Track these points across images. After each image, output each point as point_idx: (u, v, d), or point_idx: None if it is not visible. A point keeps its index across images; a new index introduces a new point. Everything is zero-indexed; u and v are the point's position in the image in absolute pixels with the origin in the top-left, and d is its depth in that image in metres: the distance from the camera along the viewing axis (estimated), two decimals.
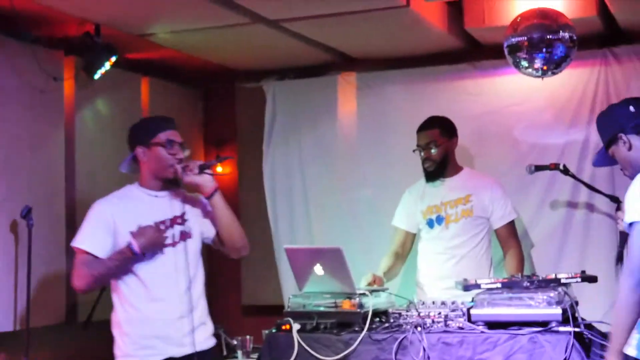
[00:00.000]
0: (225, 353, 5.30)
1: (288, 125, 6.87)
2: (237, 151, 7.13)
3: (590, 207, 5.93)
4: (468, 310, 4.43)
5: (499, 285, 4.49)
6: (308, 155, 6.77)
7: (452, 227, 5.40)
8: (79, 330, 5.92)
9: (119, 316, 4.10)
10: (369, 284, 4.96)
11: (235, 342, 5.28)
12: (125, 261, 3.99)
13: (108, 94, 6.23)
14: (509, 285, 4.47)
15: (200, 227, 4.23)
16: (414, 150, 5.47)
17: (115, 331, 4.13)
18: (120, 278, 4.07)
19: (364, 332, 4.40)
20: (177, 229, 4.13)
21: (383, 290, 4.84)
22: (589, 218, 5.94)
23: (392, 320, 4.52)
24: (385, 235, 5.98)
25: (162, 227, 4.07)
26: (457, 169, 5.51)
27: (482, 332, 4.30)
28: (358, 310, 4.51)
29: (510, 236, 5.45)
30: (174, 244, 4.11)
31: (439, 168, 5.43)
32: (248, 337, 5.09)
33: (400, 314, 4.53)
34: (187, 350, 4.07)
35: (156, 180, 4.14)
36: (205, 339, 4.20)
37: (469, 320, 4.40)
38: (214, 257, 6.76)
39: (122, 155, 6.11)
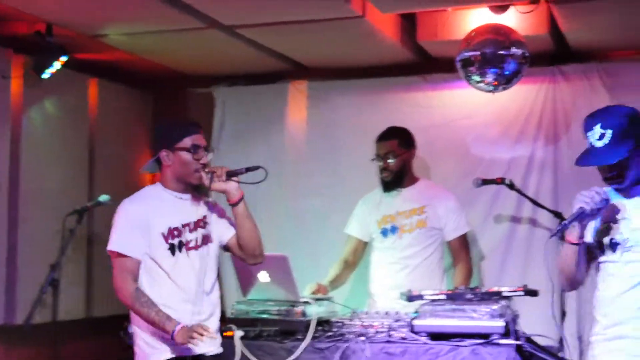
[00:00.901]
0: None
1: (237, 132, 6.84)
2: None
3: (533, 222, 5.99)
4: (411, 321, 4.45)
5: (443, 296, 4.52)
6: (256, 162, 6.70)
7: (406, 237, 5.43)
8: (18, 332, 5.81)
9: None
10: (313, 293, 4.96)
11: None
12: (161, 328, 3.92)
13: (56, 94, 6.15)
14: (453, 297, 4.50)
15: (218, 232, 4.20)
16: (372, 160, 5.49)
17: (143, 329, 4.02)
18: (151, 278, 4.03)
19: (307, 340, 4.40)
20: (200, 232, 4.12)
21: (327, 299, 4.84)
22: (532, 233, 6.00)
23: (335, 329, 4.53)
24: (332, 245, 5.99)
25: (187, 229, 4.08)
26: (414, 180, 5.54)
27: (424, 343, 4.32)
28: (301, 318, 4.52)
29: (462, 249, 5.49)
30: (197, 247, 4.10)
31: (396, 178, 5.46)
32: None
33: (343, 323, 4.54)
34: (215, 350, 4.11)
35: (179, 183, 4.11)
36: (219, 343, 4.20)
37: (412, 330, 4.42)
38: None
39: (69, 156, 6.11)
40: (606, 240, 3.58)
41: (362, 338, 4.42)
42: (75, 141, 6.19)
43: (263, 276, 4.58)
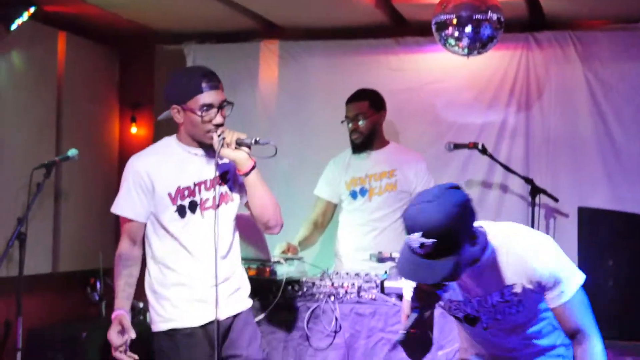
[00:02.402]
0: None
1: None
2: (154, 114, 7.01)
3: (504, 187, 6.01)
4: (381, 282, 4.46)
5: None
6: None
7: (375, 200, 5.43)
8: None
9: (157, 279, 3.86)
10: (284, 252, 4.95)
11: (141, 305, 5.21)
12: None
13: (24, 46, 6.03)
14: None
15: (240, 190, 3.93)
16: (342, 122, 5.49)
17: (151, 295, 3.88)
18: (158, 239, 3.84)
19: (277, 299, 4.40)
20: (219, 190, 3.84)
21: (297, 259, 4.84)
22: (502, 198, 6.03)
23: (305, 289, 4.53)
24: (299, 206, 5.97)
25: (202, 187, 3.83)
26: (384, 143, 5.55)
27: (394, 304, 4.34)
28: (272, 277, 4.51)
29: None
30: (214, 207, 3.81)
31: (366, 140, 5.46)
32: None
33: (313, 283, 4.55)
34: (227, 313, 3.86)
35: (193, 140, 3.83)
36: (242, 301, 3.96)
37: (382, 292, 4.43)
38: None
39: (36, 110, 6.01)
40: (459, 315, 3.21)
41: (332, 298, 4.43)
42: (43, 95, 6.09)
43: None
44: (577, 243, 4.73)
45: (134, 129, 6.92)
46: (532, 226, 5.46)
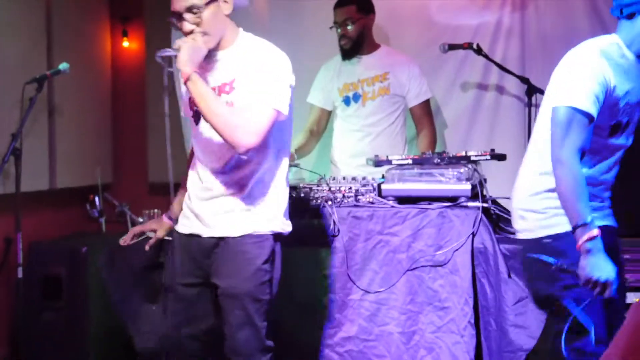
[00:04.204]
0: None
1: None
2: (145, 27, 6.92)
3: (500, 88, 5.96)
4: (379, 185, 4.47)
5: (410, 161, 4.53)
6: None
7: (369, 104, 5.43)
8: None
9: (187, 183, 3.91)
10: None
11: (141, 220, 5.22)
12: None
13: None
14: (420, 161, 4.52)
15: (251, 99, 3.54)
16: (330, 27, 5.44)
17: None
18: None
19: None
20: (224, 98, 3.57)
21: (295, 166, 4.83)
22: (499, 99, 5.98)
23: (302, 195, 4.54)
24: (295, 113, 5.92)
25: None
26: (375, 47, 5.51)
27: (392, 206, 4.35)
28: None
29: (424, 115, 5.50)
30: None
31: (356, 45, 5.43)
32: (156, 210, 5.03)
33: (311, 189, 4.55)
34: (213, 233, 3.70)
35: None
36: (235, 225, 3.67)
37: (380, 195, 4.44)
38: (117, 130, 6.66)
39: (26, 24, 5.92)
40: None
41: (330, 203, 4.44)
42: (33, 9, 5.98)
43: None
44: None
45: (125, 43, 6.83)
46: (529, 127, 5.43)
